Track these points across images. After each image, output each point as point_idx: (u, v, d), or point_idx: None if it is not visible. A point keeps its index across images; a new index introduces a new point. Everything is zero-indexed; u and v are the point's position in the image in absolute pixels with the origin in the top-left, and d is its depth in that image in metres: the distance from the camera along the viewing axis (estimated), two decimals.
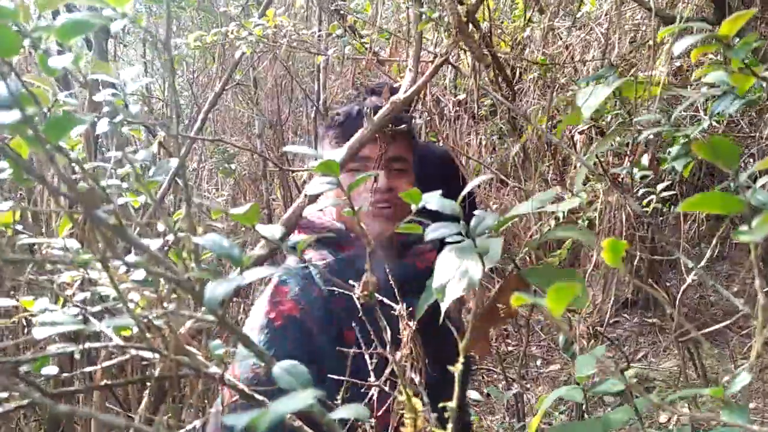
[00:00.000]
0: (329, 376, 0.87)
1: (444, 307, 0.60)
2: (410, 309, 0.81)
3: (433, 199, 0.60)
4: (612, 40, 2.46)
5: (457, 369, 0.58)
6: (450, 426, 0.57)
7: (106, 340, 0.60)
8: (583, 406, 2.45)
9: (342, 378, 0.84)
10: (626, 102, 1.08)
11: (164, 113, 3.81)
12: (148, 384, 0.76)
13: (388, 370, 0.83)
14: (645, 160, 1.37)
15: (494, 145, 4.68)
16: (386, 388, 0.79)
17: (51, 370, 0.75)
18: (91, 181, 0.50)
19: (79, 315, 0.78)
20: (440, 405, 0.59)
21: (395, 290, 0.83)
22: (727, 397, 0.45)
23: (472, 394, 2.77)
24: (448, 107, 4.38)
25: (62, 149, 0.53)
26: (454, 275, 0.58)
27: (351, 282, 0.73)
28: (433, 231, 0.59)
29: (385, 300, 0.78)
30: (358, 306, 0.76)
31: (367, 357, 0.87)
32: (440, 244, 0.98)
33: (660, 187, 1.17)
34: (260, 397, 0.73)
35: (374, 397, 0.83)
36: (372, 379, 0.83)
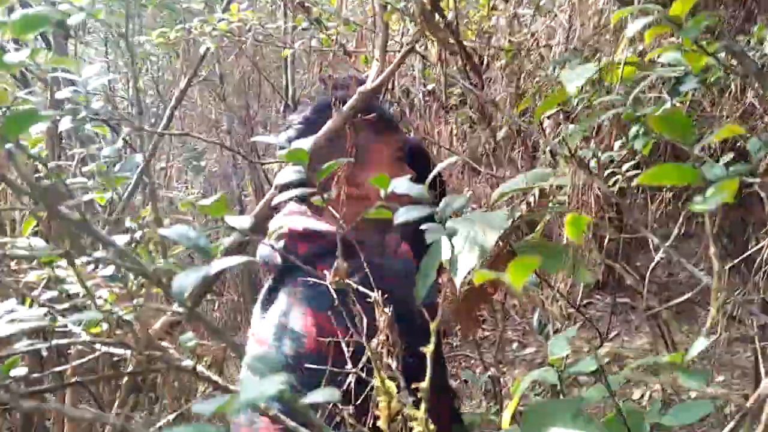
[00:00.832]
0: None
1: (458, 280, 0.60)
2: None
3: (402, 184, 0.61)
4: (575, 26, 2.49)
5: (428, 350, 0.59)
6: (423, 406, 0.58)
7: (76, 338, 0.59)
8: (558, 387, 2.50)
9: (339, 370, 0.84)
10: (594, 85, 1.10)
11: (129, 112, 3.74)
12: (122, 380, 0.76)
13: (364, 358, 0.84)
14: (617, 144, 1.40)
15: (465, 133, 4.70)
16: (363, 375, 0.80)
17: (20, 371, 0.74)
18: (54, 177, 0.49)
19: (47, 314, 0.77)
20: (413, 386, 0.60)
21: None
22: (686, 363, 0.47)
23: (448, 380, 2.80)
24: (418, 97, 4.39)
25: (22, 146, 0.52)
26: (462, 246, 0.58)
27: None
28: (403, 214, 0.60)
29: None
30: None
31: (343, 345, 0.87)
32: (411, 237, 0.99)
33: (625, 167, 1.19)
34: (234, 388, 0.73)
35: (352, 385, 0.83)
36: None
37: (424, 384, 0.59)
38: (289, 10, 1.89)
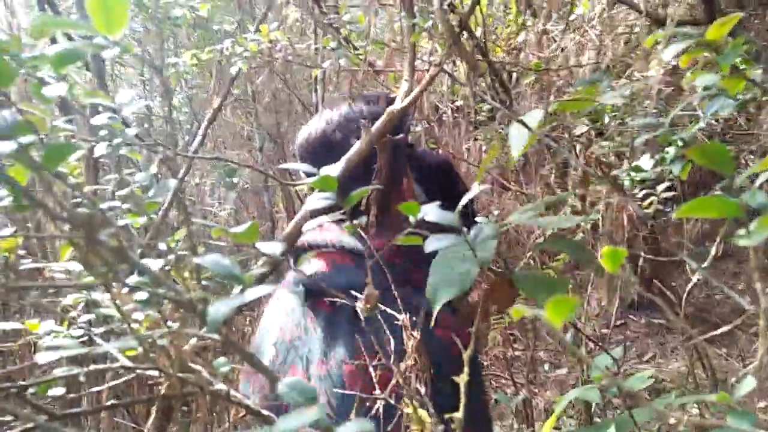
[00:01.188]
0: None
1: (435, 310, 0.60)
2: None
3: (432, 211, 0.60)
4: (606, 42, 2.47)
5: (462, 380, 0.58)
6: None
7: (112, 361, 0.60)
8: (593, 408, 2.44)
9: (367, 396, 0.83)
10: (628, 101, 1.09)
11: (164, 129, 3.80)
12: (155, 402, 0.77)
13: (392, 382, 0.83)
14: (646, 161, 1.37)
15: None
16: (392, 401, 0.79)
17: (57, 390, 0.76)
18: (91, 204, 0.50)
19: (84, 336, 0.79)
20: (446, 416, 0.59)
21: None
22: (733, 402, 0.45)
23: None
24: (447, 114, 4.39)
25: (61, 175, 0.53)
26: (446, 278, 0.58)
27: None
28: (433, 242, 0.59)
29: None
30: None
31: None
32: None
33: (660, 188, 1.17)
34: (267, 413, 0.73)
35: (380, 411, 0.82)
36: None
37: (459, 414, 0.58)
38: (319, 30, 1.91)
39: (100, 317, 0.71)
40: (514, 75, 3.94)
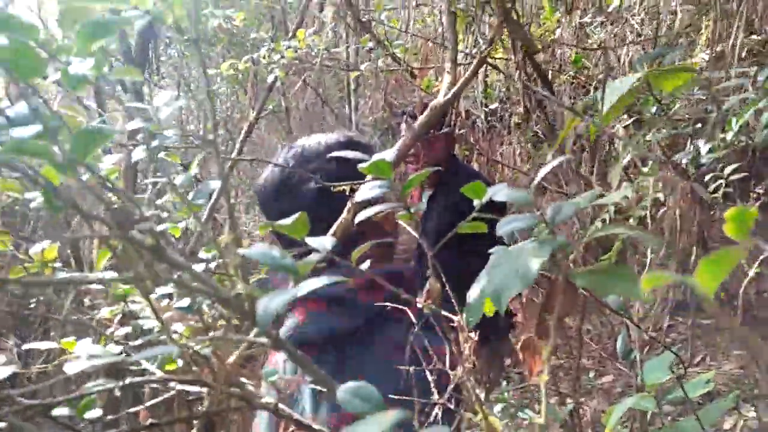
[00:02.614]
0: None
1: (502, 309, 0.53)
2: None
3: (501, 191, 0.54)
4: (647, 31, 2.37)
5: (542, 379, 0.51)
6: None
7: (150, 377, 0.55)
8: (648, 417, 2.32)
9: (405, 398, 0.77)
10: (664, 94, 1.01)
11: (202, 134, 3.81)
12: (195, 420, 0.72)
13: (451, 386, 0.76)
14: (703, 147, 1.29)
15: (529, 153, 4.58)
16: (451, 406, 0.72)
17: (95, 413, 0.70)
18: (127, 199, 0.45)
19: (122, 352, 0.74)
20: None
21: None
22: None
23: (527, 412, 2.67)
24: (480, 119, 4.32)
25: (92, 167, 0.48)
26: (507, 274, 0.51)
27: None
28: (506, 224, 0.53)
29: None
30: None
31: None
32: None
33: (728, 170, 1.08)
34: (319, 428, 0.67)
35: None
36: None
37: (540, 420, 0.51)
38: (354, 33, 1.87)
39: (138, 330, 0.66)
40: (550, 73, 3.85)
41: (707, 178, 1.09)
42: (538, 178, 0.64)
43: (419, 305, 0.62)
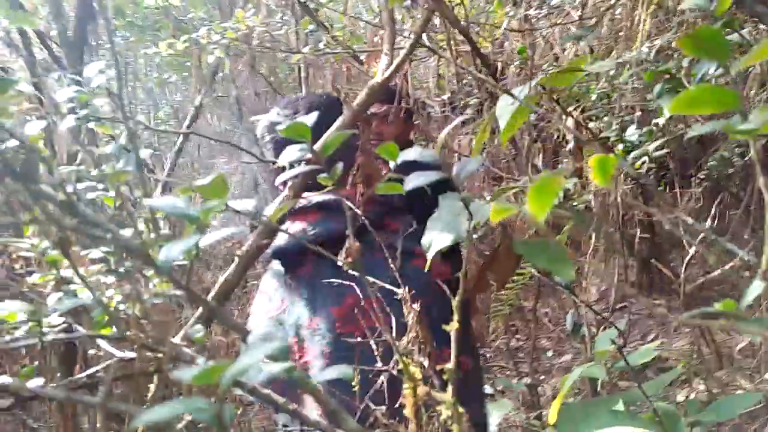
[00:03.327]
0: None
1: (429, 256, 0.57)
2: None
3: (412, 151, 0.57)
4: (588, 24, 2.44)
5: (452, 327, 0.55)
6: (450, 388, 0.53)
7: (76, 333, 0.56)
8: (599, 388, 2.41)
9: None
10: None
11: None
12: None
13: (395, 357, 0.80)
14: (631, 127, 1.35)
15: (485, 143, 4.64)
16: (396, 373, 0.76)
17: (36, 381, 0.71)
18: (30, 151, 0.46)
19: (63, 323, 0.74)
20: (438, 368, 0.56)
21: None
22: (740, 310, 0.42)
23: (486, 389, 2.75)
24: (434, 109, 4.36)
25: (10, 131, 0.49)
26: (441, 229, 0.55)
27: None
28: (413, 180, 0.56)
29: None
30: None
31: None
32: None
33: (651, 147, 1.14)
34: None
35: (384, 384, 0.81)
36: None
37: (450, 365, 0.54)
38: (293, 16, 1.89)
39: (70, 294, 0.67)
40: (499, 65, 3.91)
41: (632, 154, 1.15)
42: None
43: (340, 263, 0.65)
